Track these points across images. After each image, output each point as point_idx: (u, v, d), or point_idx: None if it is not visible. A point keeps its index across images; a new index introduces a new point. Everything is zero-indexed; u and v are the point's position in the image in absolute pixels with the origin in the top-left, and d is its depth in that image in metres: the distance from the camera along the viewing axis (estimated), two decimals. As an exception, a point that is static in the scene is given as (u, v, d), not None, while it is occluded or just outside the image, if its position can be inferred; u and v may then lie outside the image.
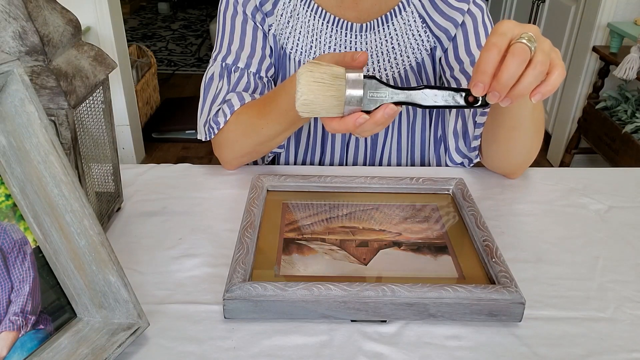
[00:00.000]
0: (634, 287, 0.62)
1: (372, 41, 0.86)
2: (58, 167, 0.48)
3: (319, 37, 0.86)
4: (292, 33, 0.86)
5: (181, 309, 0.57)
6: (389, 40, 0.86)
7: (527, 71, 0.54)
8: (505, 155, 0.81)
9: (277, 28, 0.86)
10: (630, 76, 1.96)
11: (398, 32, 0.85)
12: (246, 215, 0.66)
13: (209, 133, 0.82)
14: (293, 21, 0.86)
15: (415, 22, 0.85)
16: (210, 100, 0.84)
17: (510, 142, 0.77)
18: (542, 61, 0.54)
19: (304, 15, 0.86)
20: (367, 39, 0.86)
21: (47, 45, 0.55)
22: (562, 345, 0.54)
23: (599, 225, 0.73)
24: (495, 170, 0.85)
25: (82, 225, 0.50)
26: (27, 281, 0.49)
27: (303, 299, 0.54)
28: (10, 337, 0.47)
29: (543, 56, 0.54)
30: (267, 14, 0.85)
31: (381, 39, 0.86)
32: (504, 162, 0.82)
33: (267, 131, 0.77)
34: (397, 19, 0.85)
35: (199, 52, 4.35)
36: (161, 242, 0.68)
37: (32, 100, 0.47)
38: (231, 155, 0.82)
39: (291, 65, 0.88)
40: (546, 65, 0.55)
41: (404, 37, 0.85)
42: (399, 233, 0.67)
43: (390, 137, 0.92)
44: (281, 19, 0.86)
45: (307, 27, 0.86)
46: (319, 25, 0.86)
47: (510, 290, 0.54)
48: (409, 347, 0.53)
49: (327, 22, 0.86)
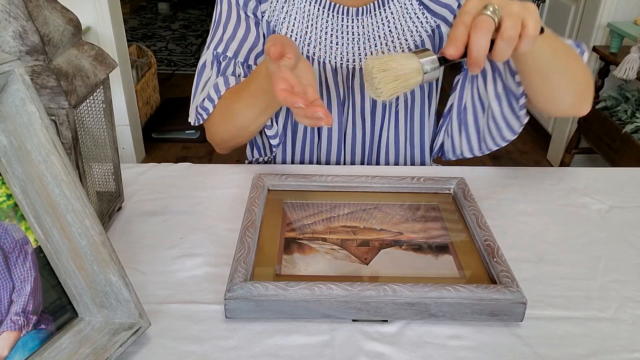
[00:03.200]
0: (635, 287, 0.62)
1: (368, 25, 0.86)
2: (59, 166, 0.48)
3: (314, 22, 0.86)
4: (287, 18, 0.86)
5: (182, 309, 0.57)
6: (385, 24, 0.86)
7: (497, 41, 0.58)
8: (554, 102, 0.78)
9: (271, 14, 0.86)
10: (630, 76, 1.96)
11: (395, 14, 0.85)
12: (247, 214, 0.66)
13: (198, 118, 0.86)
14: (288, 6, 0.86)
15: (412, 5, 0.85)
16: (201, 87, 0.87)
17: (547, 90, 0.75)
18: (510, 26, 0.57)
19: (300, 1, 0.86)
20: (364, 22, 0.86)
21: (48, 44, 0.55)
22: (563, 345, 0.53)
23: (600, 225, 0.73)
24: (557, 114, 0.83)
25: (83, 224, 0.50)
26: (29, 281, 0.49)
27: (304, 299, 0.54)
28: (12, 337, 0.47)
29: (511, 20, 0.57)
30: (262, 0, 0.85)
31: (378, 22, 0.86)
32: (558, 106, 0.80)
33: (243, 115, 0.80)
34: (393, 2, 0.85)
35: (199, 52, 4.35)
36: (162, 241, 0.68)
37: (32, 100, 0.47)
38: (218, 137, 0.87)
39: None
40: (516, 28, 0.57)
41: (401, 20, 0.85)
42: (400, 232, 0.67)
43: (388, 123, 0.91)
44: (276, 4, 0.86)
45: (302, 12, 0.86)
46: (314, 10, 0.86)
47: (512, 290, 0.54)
48: (410, 347, 0.53)
49: (322, 7, 0.86)
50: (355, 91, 0.88)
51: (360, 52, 0.86)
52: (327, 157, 0.93)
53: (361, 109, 0.90)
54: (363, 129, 0.92)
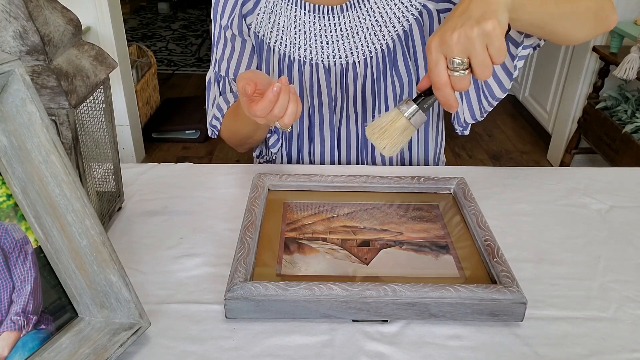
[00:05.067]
0: (635, 287, 0.62)
1: (354, 19, 0.86)
2: (59, 166, 0.48)
3: (302, 27, 0.87)
4: (275, 27, 0.88)
5: (182, 309, 0.57)
6: (371, 14, 0.86)
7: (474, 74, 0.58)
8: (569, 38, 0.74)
9: (258, 25, 0.88)
10: (630, 76, 1.96)
11: (379, 3, 0.85)
12: (247, 214, 0.66)
13: (212, 133, 0.93)
14: (274, 16, 0.87)
15: None
16: (211, 102, 0.94)
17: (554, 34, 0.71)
18: (480, 63, 0.56)
19: (285, 9, 0.87)
20: (350, 17, 0.86)
21: (48, 44, 0.55)
22: (563, 345, 0.53)
23: (600, 225, 0.73)
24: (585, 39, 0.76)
25: (83, 225, 0.50)
26: (29, 281, 0.49)
27: (304, 299, 0.54)
28: (12, 337, 0.47)
29: (479, 67, 0.57)
30: (247, 14, 0.88)
31: (363, 15, 0.86)
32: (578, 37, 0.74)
33: (244, 130, 0.87)
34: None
35: (199, 52, 4.35)
36: (162, 241, 0.68)
37: (33, 100, 0.47)
38: (233, 145, 0.95)
39: (275, 58, 0.89)
40: (486, 61, 0.57)
41: (386, 8, 0.85)
42: (400, 232, 0.67)
43: None
44: (263, 16, 0.87)
45: (289, 20, 0.87)
46: (300, 15, 0.87)
47: (512, 290, 0.54)
48: (410, 347, 0.53)
49: (307, 10, 0.86)
50: (349, 86, 0.89)
51: (352, 46, 0.87)
52: (321, 157, 0.94)
53: (354, 105, 0.91)
54: (356, 127, 0.92)
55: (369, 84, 0.89)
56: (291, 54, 0.88)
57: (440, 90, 0.58)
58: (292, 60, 0.88)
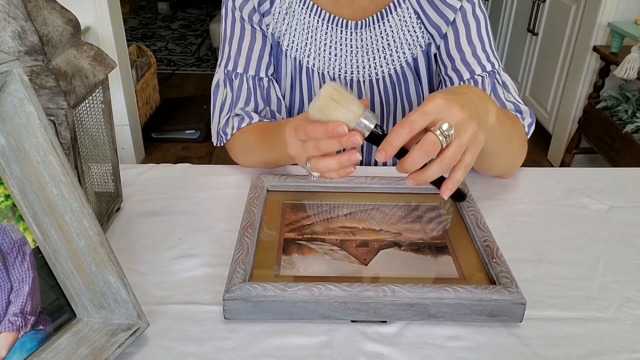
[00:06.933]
0: (635, 287, 0.61)
1: (367, 38, 0.86)
2: (57, 167, 0.48)
3: (314, 34, 0.87)
4: (288, 30, 0.87)
5: (181, 310, 0.57)
6: (384, 37, 0.86)
7: (433, 163, 0.55)
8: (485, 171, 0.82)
9: (275, 26, 0.87)
10: (630, 76, 1.96)
11: (394, 28, 0.85)
12: (246, 215, 0.66)
13: (219, 141, 0.88)
14: (289, 18, 0.86)
15: (411, 18, 0.85)
16: (218, 108, 0.88)
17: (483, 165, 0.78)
18: (450, 157, 0.55)
19: (300, 12, 0.86)
20: (363, 36, 0.86)
21: (47, 45, 0.55)
22: (563, 345, 0.53)
23: (600, 225, 0.73)
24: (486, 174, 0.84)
25: (81, 225, 0.49)
26: (27, 281, 0.49)
27: (303, 300, 0.54)
28: (10, 338, 0.47)
29: (455, 151, 0.55)
30: (265, 14, 0.86)
31: (377, 35, 0.86)
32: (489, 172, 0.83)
33: (261, 156, 0.82)
34: (392, 15, 0.85)
35: (199, 51, 4.35)
36: (161, 242, 0.68)
37: (31, 100, 0.47)
38: (238, 161, 0.88)
39: (288, 62, 0.89)
40: (454, 161, 0.55)
41: (399, 33, 0.85)
42: (399, 233, 0.67)
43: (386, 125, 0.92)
44: (278, 16, 0.86)
45: (302, 24, 0.86)
46: (314, 22, 0.86)
47: (511, 291, 0.54)
48: (409, 348, 0.53)
49: (322, 19, 0.86)
50: None
51: (358, 64, 0.88)
52: None
53: None
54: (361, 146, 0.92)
55: (377, 105, 0.89)
56: (301, 59, 0.88)
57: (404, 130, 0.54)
58: (302, 65, 0.88)
